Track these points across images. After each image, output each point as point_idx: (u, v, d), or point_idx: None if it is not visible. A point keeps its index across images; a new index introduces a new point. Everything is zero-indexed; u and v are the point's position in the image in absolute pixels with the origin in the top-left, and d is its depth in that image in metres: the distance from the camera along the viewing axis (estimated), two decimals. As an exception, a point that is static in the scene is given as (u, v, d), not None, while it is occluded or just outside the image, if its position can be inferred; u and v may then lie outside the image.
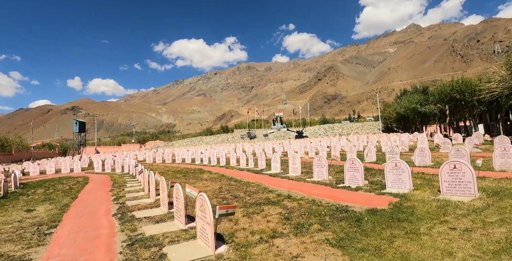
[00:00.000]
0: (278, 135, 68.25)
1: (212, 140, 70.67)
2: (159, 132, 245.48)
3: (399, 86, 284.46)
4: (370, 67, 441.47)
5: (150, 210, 7.00)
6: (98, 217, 6.57)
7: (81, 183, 13.74)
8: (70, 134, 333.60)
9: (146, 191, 9.45)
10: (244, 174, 12.24)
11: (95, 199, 9.00)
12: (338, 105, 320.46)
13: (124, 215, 6.65)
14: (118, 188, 11.04)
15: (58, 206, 8.51)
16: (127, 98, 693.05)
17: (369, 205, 6.02)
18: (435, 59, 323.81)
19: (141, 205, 7.60)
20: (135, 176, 14.85)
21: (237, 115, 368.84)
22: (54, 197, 10.40)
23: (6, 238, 5.48)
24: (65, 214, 7.23)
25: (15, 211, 8.18)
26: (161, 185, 7.13)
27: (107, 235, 5.17)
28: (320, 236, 4.47)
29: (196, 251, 4.26)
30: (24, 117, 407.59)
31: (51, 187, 13.13)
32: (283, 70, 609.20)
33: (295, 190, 8.34)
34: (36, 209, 8.20)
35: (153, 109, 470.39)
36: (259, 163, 14.16)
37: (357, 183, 8.70)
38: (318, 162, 10.66)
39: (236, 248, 4.22)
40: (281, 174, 11.80)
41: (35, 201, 9.69)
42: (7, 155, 47.31)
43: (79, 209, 7.58)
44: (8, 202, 10.08)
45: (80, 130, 62.76)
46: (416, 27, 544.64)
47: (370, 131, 60.75)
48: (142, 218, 6.26)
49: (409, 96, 45.70)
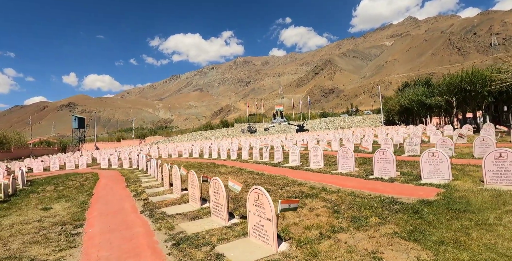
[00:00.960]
0: (279, 129, 67.84)
1: (213, 134, 70.11)
2: (157, 128, 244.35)
3: (396, 79, 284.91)
4: (367, 61, 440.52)
5: (178, 206, 6.52)
6: (126, 215, 6.08)
7: (91, 179, 13.22)
8: (66, 130, 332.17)
9: (166, 186, 8.96)
10: (263, 168, 11.77)
11: (113, 195, 8.49)
12: (335, 99, 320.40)
13: (153, 212, 6.17)
14: (134, 183, 10.54)
15: (75, 203, 8.01)
16: (124, 93, 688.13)
17: (416, 196, 5.76)
18: (432, 52, 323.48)
19: (167, 201, 7.12)
20: (146, 171, 14.36)
21: (235, 109, 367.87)
22: (67, 194, 9.88)
23: (31, 239, 4.98)
24: (87, 212, 6.73)
25: (31, 210, 7.67)
26: (190, 180, 6.65)
27: (144, 235, 4.70)
28: (385, 229, 4.21)
29: (255, 250, 3.85)
30: (20, 114, 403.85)
31: (61, 184, 12.60)
32: (280, 64, 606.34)
33: (326, 182, 7.96)
34: (52, 207, 7.69)
35: (150, 105, 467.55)
36: (275, 156, 13.69)
37: (389, 174, 8.36)
38: (343, 154, 10.23)
39: (299, 245, 3.85)
40: (301, 167, 11.34)
41: (48, 199, 9.17)
42: (6, 152, 46.52)
43: (101, 206, 7.08)
44: (19, 200, 9.55)
45: (79, 126, 61.89)
46: (413, 19, 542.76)
47: (371, 124, 60.45)
48: (174, 215, 5.79)
49: (413, 88, 45.24)
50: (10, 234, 5.41)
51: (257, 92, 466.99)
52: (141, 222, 5.42)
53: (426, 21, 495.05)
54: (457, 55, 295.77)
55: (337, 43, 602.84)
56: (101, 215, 6.17)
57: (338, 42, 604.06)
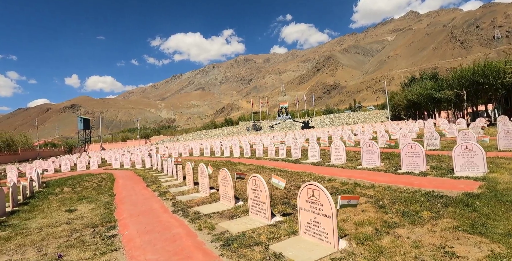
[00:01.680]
0: (284, 126, 67.53)
1: (218, 133, 69.92)
2: (160, 128, 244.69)
3: (399, 74, 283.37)
4: (369, 56, 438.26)
5: (210, 205, 6.30)
6: (158, 215, 5.86)
7: (107, 179, 13.05)
8: (70, 132, 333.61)
9: (190, 185, 8.76)
10: (283, 164, 11.54)
11: (137, 195, 8.29)
12: (338, 95, 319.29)
13: (186, 211, 5.95)
14: (153, 183, 10.33)
15: (100, 204, 7.82)
16: (126, 94, 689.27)
17: (457, 190, 5.63)
18: (434, 46, 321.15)
19: (196, 200, 6.90)
20: (161, 171, 14.17)
21: (237, 108, 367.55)
22: (87, 195, 9.70)
23: (66, 243, 4.78)
24: (116, 213, 6.53)
25: (55, 212, 7.50)
26: (221, 178, 6.43)
27: (186, 235, 4.48)
28: (443, 223, 4.05)
29: (313, 248, 3.68)
30: (24, 117, 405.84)
31: (77, 185, 12.45)
32: (281, 61, 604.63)
33: (356, 177, 7.77)
34: (77, 209, 7.50)
35: (152, 105, 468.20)
36: (293, 153, 13.44)
37: (418, 168, 8.19)
38: (367, 149, 9.99)
39: (359, 242, 3.69)
40: (323, 163, 11.10)
41: (69, 200, 8.99)
42: (14, 155, 46.61)
43: (128, 207, 6.88)
44: (39, 202, 9.39)
45: (85, 127, 61.87)
46: (415, 14, 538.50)
47: (377, 120, 60.01)
48: (210, 214, 5.57)
49: (421, 82, 44.70)
50: (42, 238, 5.22)
51: (259, 90, 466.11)
52: (178, 223, 5.20)
53: (428, 15, 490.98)
54: (459, 48, 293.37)
55: (338, 39, 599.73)
56: (131, 216, 5.96)
57: (339, 38, 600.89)
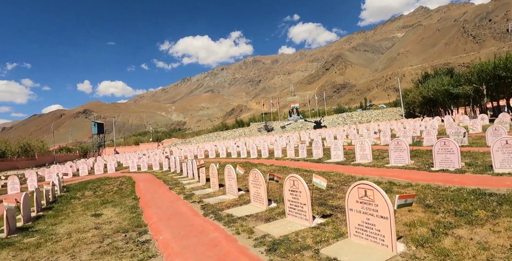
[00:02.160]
0: (296, 127, 67.02)
1: (229, 134, 69.90)
2: (171, 130, 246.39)
3: (410, 71, 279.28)
4: (378, 54, 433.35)
5: (241, 208, 6.06)
6: (189, 219, 5.64)
7: (126, 183, 12.96)
8: (83, 137, 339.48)
9: (215, 187, 8.54)
10: (305, 164, 11.23)
11: (162, 199, 8.11)
12: (348, 94, 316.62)
13: (218, 214, 5.72)
14: (175, 185, 10.16)
15: (125, 208, 7.66)
16: (136, 98, 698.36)
17: (505, 187, 5.33)
18: (445, 41, 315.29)
19: (225, 202, 6.67)
20: (180, 173, 14.02)
21: (246, 109, 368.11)
22: (110, 199, 9.59)
23: (99, 250, 4.60)
24: (144, 217, 6.35)
25: (81, 217, 7.37)
26: (252, 179, 6.19)
27: (226, 240, 4.24)
28: (505, 223, 3.76)
29: (368, 252, 3.43)
30: (38, 123, 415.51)
31: (98, 189, 12.40)
32: (290, 61, 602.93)
33: (388, 176, 7.44)
34: (103, 213, 7.36)
35: (162, 108, 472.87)
36: (314, 152, 13.11)
37: (453, 165, 7.83)
38: (396, 146, 9.61)
39: (419, 244, 3.43)
40: (347, 162, 10.75)
41: (93, 205, 8.89)
42: (32, 160, 47.48)
43: (155, 211, 6.68)
44: (63, 206, 9.32)
45: (99, 132, 62.68)
46: (424, 9, 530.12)
47: (391, 118, 58.97)
48: (244, 217, 5.32)
49: (437, 78, 43.63)
50: (73, 244, 5.05)
51: (268, 91, 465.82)
52: (212, 226, 4.97)
53: (438, 10, 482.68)
54: (472, 43, 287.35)
55: (346, 37, 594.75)
56: (161, 220, 5.76)
57: (348, 36, 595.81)
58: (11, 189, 16.81)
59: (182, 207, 6.72)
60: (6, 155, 45.47)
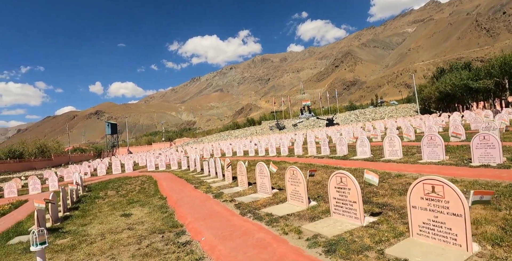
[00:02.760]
0: (308, 124, 66.44)
1: (241, 133, 69.74)
2: (181, 130, 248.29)
3: (422, 67, 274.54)
4: (388, 50, 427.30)
5: (279, 206, 5.77)
6: (227, 219, 5.39)
7: (148, 182, 12.83)
8: (95, 137, 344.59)
9: (244, 185, 8.28)
10: (331, 161, 10.88)
11: (191, 198, 7.89)
12: (358, 91, 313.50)
13: (256, 214, 5.44)
14: (200, 184, 9.94)
15: (154, 208, 7.47)
16: (147, 99, 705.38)
17: None
18: (458, 35, 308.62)
19: (260, 201, 6.40)
20: (201, 172, 13.83)
21: (256, 108, 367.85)
22: (135, 198, 9.44)
23: (139, 252, 4.37)
24: (177, 217, 6.12)
25: (110, 217, 7.21)
26: (289, 177, 5.90)
27: (275, 241, 3.96)
28: None
29: (440, 252, 3.17)
30: (52, 124, 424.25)
31: (119, 188, 12.30)
32: (299, 59, 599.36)
33: (427, 172, 7.06)
34: (132, 213, 7.18)
35: (172, 108, 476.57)
36: (338, 149, 12.72)
37: (494, 160, 7.41)
38: (429, 142, 9.19)
39: (495, 243, 3.17)
40: (376, 158, 10.34)
41: (119, 204, 8.74)
42: (48, 160, 48.29)
43: (188, 210, 6.45)
44: (88, 206, 9.21)
45: (112, 132, 63.31)
46: (435, 3, 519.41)
47: (405, 114, 57.83)
48: (286, 216, 5.04)
49: (455, 73, 42.46)
50: (110, 246, 4.85)
51: (277, 89, 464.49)
52: (255, 226, 4.69)
53: (450, 4, 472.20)
54: (486, 37, 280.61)
55: (356, 34, 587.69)
56: (197, 220, 5.52)
57: (357, 32, 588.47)
58: (33, 189, 16.95)
59: (214, 206, 6.47)
60: (23, 156, 46.36)
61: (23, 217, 8.75)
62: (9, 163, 41.37)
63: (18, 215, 9.56)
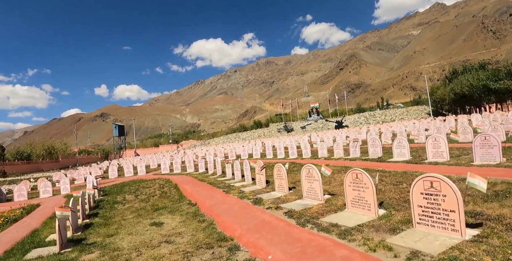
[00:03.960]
0: (316, 127, 65.58)
1: (249, 135, 68.97)
2: (186, 133, 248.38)
3: (427, 69, 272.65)
4: (393, 52, 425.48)
5: (340, 215, 4.94)
6: (286, 230, 4.55)
7: (167, 186, 12.03)
8: (100, 139, 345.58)
9: (283, 190, 7.45)
10: (369, 164, 10.00)
11: (227, 204, 7.05)
12: (363, 94, 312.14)
13: (318, 224, 4.60)
14: (229, 188, 9.09)
15: (187, 216, 6.65)
16: (152, 101, 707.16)
17: None
18: (464, 38, 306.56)
19: (313, 208, 5.56)
20: (222, 175, 13.01)
21: (260, 110, 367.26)
22: (160, 204, 8.65)
23: (193, 273, 3.57)
24: (222, 228, 5.30)
25: (138, 226, 6.40)
26: (349, 180, 5.07)
27: (361, 257, 3.15)
28: None
29: None
30: (58, 126, 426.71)
31: (137, 192, 11.52)
32: (303, 62, 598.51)
33: (494, 176, 6.16)
34: (163, 222, 6.36)
35: (177, 111, 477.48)
36: (371, 151, 11.84)
37: None
38: (483, 142, 8.32)
39: None
40: (417, 160, 9.46)
41: (144, 211, 7.96)
42: (55, 162, 47.79)
43: (230, 219, 5.63)
44: (108, 212, 8.43)
45: (119, 134, 62.82)
46: (441, 5, 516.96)
47: (416, 116, 56.71)
48: (357, 228, 4.23)
49: (472, 73, 41.31)
50: (153, 264, 4.05)
51: (281, 92, 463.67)
52: (328, 241, 3.86)
53: (455, 6, 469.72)
54: (492, 39, 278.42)
55: (360, 36, 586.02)
56: (249, 232, 4.70)
57: (362, 35, 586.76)
58: (43, 192, 16.25)
59: (261, 214, 5.64)
60: (31, 157, 45.94)
61: (38, 225, 7.97)
62: (17, 164, 40.91)
63: (32, 221, 8.80)
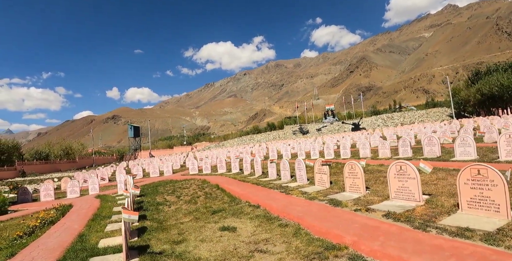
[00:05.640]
0: (332, 129, 64.43)
1: (263, 137, 68.18)
2: (195, 135, 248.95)
3: (440, 72, 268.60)
4: (405, 55, 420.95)
5: (458, 217, 4.07)
6: (407, 235, 3.68)
7: (207, 186, 11.29)
8: (112, 141, 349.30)
9: (358, 191, 6.60)
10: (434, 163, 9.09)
11: (301, 206, 6.20)
12: (374, 97, 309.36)
13: (443, 229, 3.73)
14: (285, 189, 8.25)
15: (261, 219, 5.82)
16: (162, 104, 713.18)
17: None
18: (478, 39, 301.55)
19: (417, 210, 4.70)
20: (263, 175, 12.21)
21: (270, 113, 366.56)
22: (214, 206, 7.88)
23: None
24: (316, 232, 4.49)
25: (205, 231, 5.61)
26: (466, 178, 4.22)
27: None
28: None
29: None
30: (71, 128, 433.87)
31: (176, 193, 10.82)
32: (313, 65, 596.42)
33: None
34: (235, 226, 5.57)
35: (187, 113, 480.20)
36: (426, 150, 10.90)
37: None
38: None
39: None
40: (486, 159, 8.56)
41: (200, 213, 7.19)
42: (72, 162, 47.83)
43: (320, 223, 4.80)
44: (157, 215, 7.69)
45: (135, 135, 62.78)
46: (453, 7, 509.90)
47: (437, 119, 55.17)
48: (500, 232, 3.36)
49: (499, 74, 39.77)
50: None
51: (290, 95, 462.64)
52: (480, 249, 3.02)
53: (468, 8, 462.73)
54: (507, 41, 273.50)
55: (371, 39, 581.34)
56: (362, 238, 3.85)
57: (372, 38, 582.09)
58: (71, 192, 15.77)
59: (354, 217, 4.81)
60: (49, 157, 46.07)
61: (81, 228, 7.23)
62: (35, 164, 40.98)
63: (72, 224, 8.10)
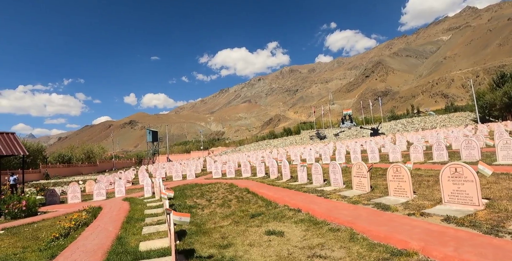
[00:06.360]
0: (350, 134, 63.54)
1: (280, 142, 67.88)
2: (210, 140, 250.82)
3: (459, 76, 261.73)
4: (422, 58, 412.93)
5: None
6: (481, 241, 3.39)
7: (236, 190, 11.12)
8: (129, 146, 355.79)
9: (405, 195, 6.28)
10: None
11: (344, 210, 5.95)
12: (390, 101, 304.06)
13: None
14: (320, 193, 7.98)
15: (305, 224, 5.60)
16: (177, 109, 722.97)
17: None
18: (499, 42, 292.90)
19: (479, 215, 4.36)
20: (291, 179, 11.97)
21: (284, 119, 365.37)
22: (250, 210, 7.69)
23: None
24: (376, 238, 4.22)
25: (251, 235, 5.44)
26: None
27: None
28: None
29: None
30: (90, 133, 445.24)
31: (205, 196, 10.72)
32: (327, 70, 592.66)
33: None
34: (283, 231, 5.35)
35: (202, 119, 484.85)
36: (464, 154, 10.42)
37: None
38: None
39: None
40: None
41: (238, 217, 7.02)
42: (93, 166, 48.89)
43: (376, 228, 4.52)
44: (193, 218, 7.54)
45: (153, 139, 63.70)
46: (472, 9, 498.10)
47: (460, 123, 53.60)
48: None
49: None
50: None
51: (305, 100, 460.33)
52: None
53: (488, 9, 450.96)
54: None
55: (387, 43, 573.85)
56: (431, 244, 3.56)
57: (388, 42, 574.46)
58: (97, 194, 15.96)
59: (412, 222, 4.51)
60: (71, 161, 47.24)
61: (117, 230, 7.17)
62: (58, 167, 42.05)
63: (106, 226, 8.08)
